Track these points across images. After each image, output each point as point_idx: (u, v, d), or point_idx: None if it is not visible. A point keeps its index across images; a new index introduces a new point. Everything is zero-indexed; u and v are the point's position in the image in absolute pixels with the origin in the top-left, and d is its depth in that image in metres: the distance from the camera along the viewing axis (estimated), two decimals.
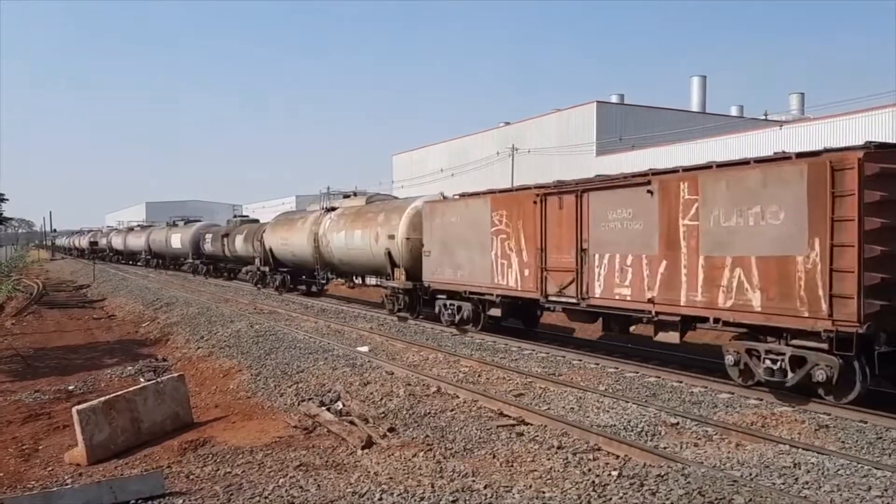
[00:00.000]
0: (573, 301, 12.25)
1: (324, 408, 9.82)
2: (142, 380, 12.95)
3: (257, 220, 36.54)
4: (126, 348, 17.87)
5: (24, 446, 9.49)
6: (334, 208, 23.67)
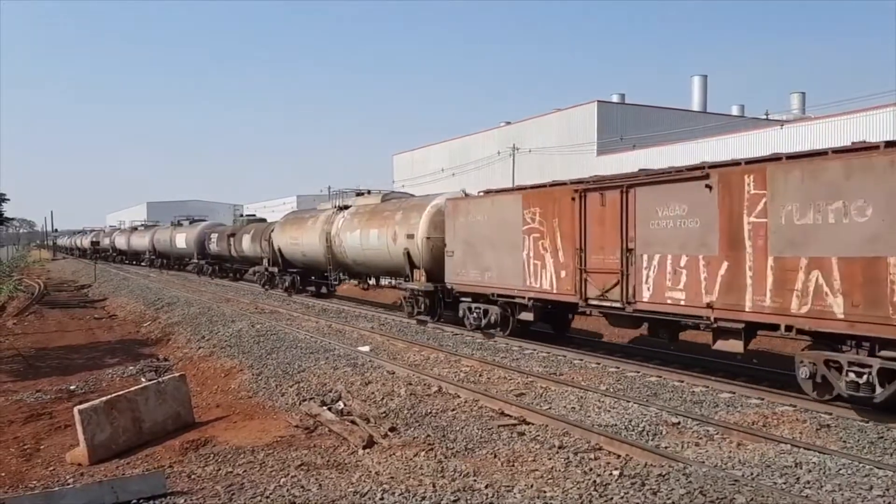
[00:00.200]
0: (617, 305, 11.34)
1: (325, 407, 9.82)
2: (143, 379, 12.95)
3: (264, 220, 35.83)
4: (127, 348, 17.87)
5: (25, 446, 9.49)
6: (347, 207, 22.74)
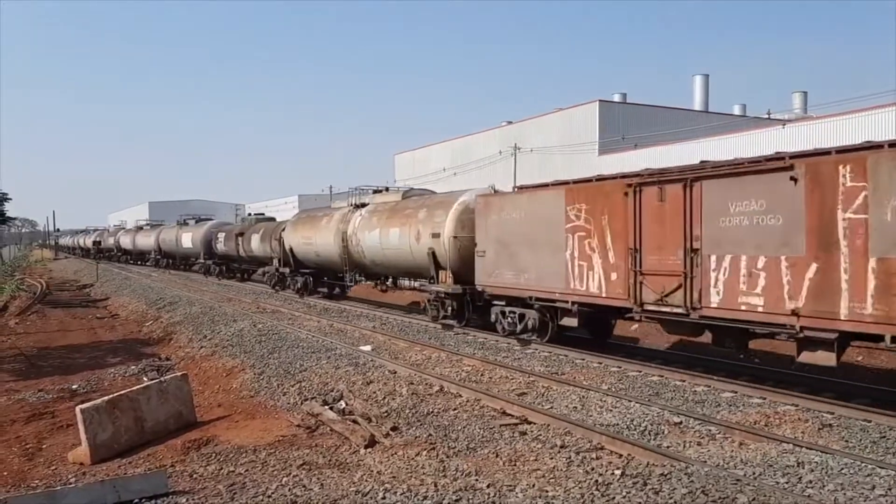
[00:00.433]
0: (679, 311, 10.33)
1: (327, 407, 9.83)
2: (145, 379, 12.96)
3: (273, 219, 34.89)
4: (129, 348, 17.88)
5: (27, 445, 9.50)
6: (364, 204, 21.68)
